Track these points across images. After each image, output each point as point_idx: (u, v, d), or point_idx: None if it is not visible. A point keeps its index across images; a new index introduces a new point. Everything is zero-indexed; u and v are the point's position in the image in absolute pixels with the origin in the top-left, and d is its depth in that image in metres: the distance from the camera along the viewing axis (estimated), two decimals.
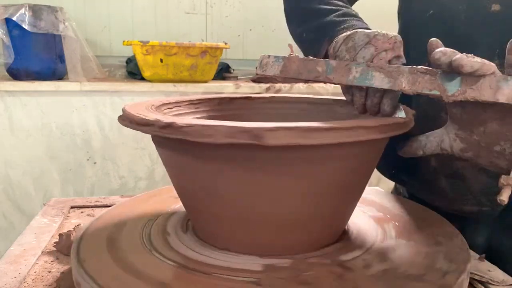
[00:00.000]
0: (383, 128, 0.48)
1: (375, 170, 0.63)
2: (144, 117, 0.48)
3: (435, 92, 0.46)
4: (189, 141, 0.44)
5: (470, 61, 0.43)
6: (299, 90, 1.77)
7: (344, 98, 0.60)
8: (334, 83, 0.53)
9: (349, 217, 0.59)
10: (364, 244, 0.56)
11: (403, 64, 0.52)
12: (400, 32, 0.76)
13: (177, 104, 0.65)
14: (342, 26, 0.62)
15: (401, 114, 0.53)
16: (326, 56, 0.63)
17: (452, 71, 0.45)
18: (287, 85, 1.76)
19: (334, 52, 0.58)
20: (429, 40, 0.48)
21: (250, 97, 0.72)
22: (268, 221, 0.51)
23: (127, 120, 0.50)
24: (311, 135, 0.43)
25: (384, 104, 0.53)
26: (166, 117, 0.48)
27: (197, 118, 0.65)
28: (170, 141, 0.49)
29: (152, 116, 0.49)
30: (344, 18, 0.65)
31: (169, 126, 0.45)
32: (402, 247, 0.55)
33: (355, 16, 0.67)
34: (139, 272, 0.48)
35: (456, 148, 0.51)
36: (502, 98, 0.42)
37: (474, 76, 0.43)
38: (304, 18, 0.71)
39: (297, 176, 0.48)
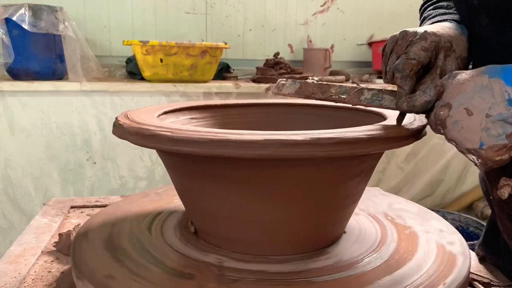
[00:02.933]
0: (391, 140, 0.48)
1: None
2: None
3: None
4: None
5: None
6: None
7: (344, 105, 0.61)
8: (346, 103, 0.55)
9: (347, 220, 0.59)
10: (363, 244, 0.56)
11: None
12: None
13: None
14: (425, 22, 0.61)
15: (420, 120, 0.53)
16: None
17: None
18: None
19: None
20: None
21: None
22: (264, 224, 0.51)
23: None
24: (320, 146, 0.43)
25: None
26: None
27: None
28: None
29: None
30: (432, 12, 0.63)
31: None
32: (402, 247, 0.55)
33: (443, 7, 0.63)
34: (137, 271, 0.48)
35: None
36: None
37: None
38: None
39: (293, 183, 0.49)
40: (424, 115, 0.51)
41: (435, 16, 0.62)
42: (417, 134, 0.51)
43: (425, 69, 0.51)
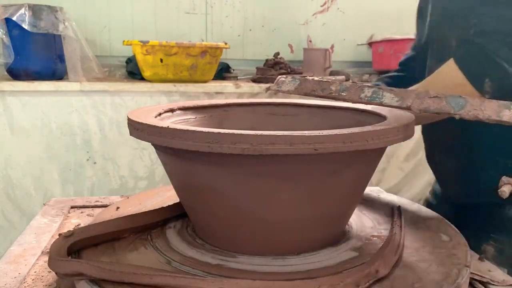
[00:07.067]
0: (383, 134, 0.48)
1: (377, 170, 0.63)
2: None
3: (442, 110, 0.49)
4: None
5: None
6: None
7: (344, 104, 0.62)
8: (346, 100, 0.55)
9: (348, 218, 0.59)
10: (363, 244, 0.56)
11: None
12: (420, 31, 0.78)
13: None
14: None
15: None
16: None
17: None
18: None
19: None
20: None
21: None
22: (266, 223, 0.51)
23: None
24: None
25: None
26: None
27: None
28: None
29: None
30: None
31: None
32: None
33: None
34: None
35: None
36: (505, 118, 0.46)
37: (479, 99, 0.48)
38: None
39: (295, 181, 0.48)
40: None
41: None
42: None
43: None
